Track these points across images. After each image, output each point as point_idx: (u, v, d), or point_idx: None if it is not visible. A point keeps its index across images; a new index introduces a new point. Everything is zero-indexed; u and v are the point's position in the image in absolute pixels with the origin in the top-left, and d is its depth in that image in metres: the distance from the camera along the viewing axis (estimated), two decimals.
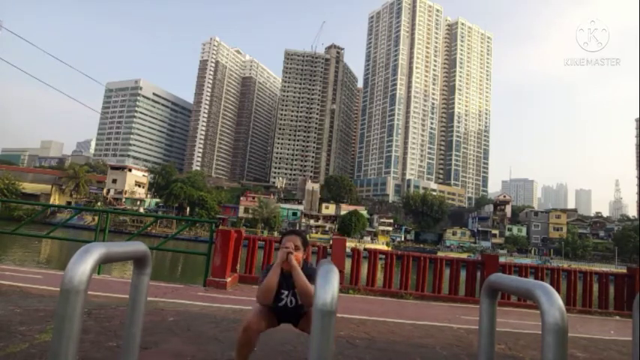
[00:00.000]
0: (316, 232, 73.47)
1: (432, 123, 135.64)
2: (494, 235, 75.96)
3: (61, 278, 1.26)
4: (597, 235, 75.41)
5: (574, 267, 9.50)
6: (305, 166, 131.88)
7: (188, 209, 69.11)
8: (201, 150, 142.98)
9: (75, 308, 1.24)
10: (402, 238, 78.40)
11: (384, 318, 5.08)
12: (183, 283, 7.49)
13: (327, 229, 76.45)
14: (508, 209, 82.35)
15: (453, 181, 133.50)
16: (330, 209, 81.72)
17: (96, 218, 41.76)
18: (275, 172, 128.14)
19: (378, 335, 4.11)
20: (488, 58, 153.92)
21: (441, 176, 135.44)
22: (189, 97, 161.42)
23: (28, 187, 68.25)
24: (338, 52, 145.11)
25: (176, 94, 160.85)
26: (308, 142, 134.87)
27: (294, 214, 77.92)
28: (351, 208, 76.72)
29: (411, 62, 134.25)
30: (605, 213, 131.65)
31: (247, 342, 2.19)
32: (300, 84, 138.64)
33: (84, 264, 1.28)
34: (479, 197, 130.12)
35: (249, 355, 2.24)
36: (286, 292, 2.29)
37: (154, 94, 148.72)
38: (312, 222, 78.56)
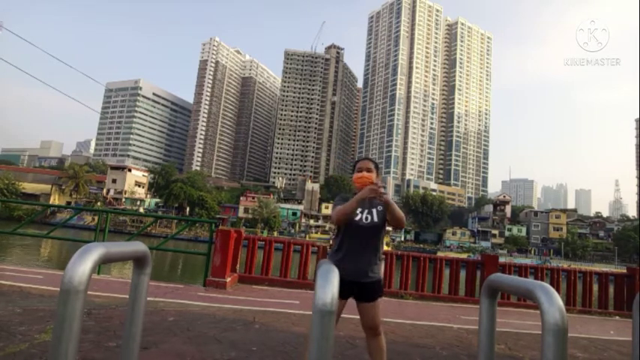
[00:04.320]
0: (316, 232, 73.45)
1: (431, 123, 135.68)
2: (494, 235, 75.92)
3: (61, 278, 1.26)
4: (597, 235, 75.32)
5: (574, 267, 9.50)
6: (305, 166, 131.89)
7: (188, 209, 69.07)
8: (201, 150, 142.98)
9: (75, 308, 1.24)
10: (402, 238, 78.31)
11: (383, 318, 5.06)
12: (183, 283, 7.49)
13: (327, 229, 76.40)
14: (508, 209, 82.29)
15: (452, 181, 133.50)
16: (330, 209, 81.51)
17: (96, 218, 41.77)
18: (275, 172, 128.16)
19: None
20: (488, 58, 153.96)
21: (440, 176, 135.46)
22: (189, 97, 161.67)
23: (28, 187, 68.21)
24: (338, 52, 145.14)
25: (176, 94, 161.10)
26: (308, 142, 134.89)
27: (294, 214, 77.89)
28: None
29: (410, 62, 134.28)
30: (605, 213, 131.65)
31: None
32: (300, 84, 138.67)
33: (84, 264, 1.28)
34: (479, 197, 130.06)
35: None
36: (360, 209, 2.32)
37: (153, 94, 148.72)
38: (312, 222, 78.52)
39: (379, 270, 2.35)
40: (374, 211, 2.32)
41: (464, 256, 45.45)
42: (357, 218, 2.30)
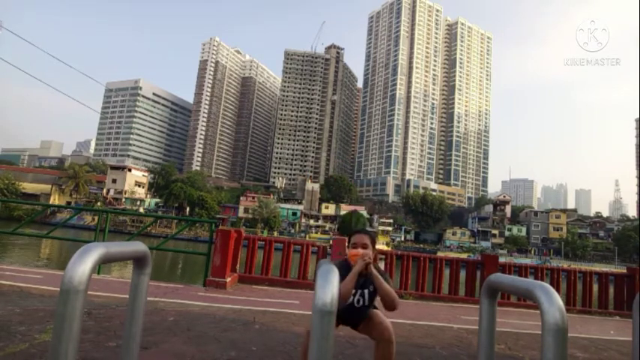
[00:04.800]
0: (316, 232, 73.47)
1: (432, 123, 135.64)
2: (494, 235, 75.93)
3: (61, 278, 1.26)
4: (597, 235, 75.35)
5: (574, 267, 9.50)
6: (305, 166, 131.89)
7: (188, 209, 69.09)
8: (201, 150, 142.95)
9: (75, 308, 1.24)
10: (402, 238, 78.35)
11: None
12: (183, 283, 7.49)
13: (327, 229, 76.43)
14: (508, 209, 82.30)
15: (452, 181, 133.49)
16: (329, 209, 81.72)
17: (96, 218, 41.77)
18: (275, 172, 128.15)
19: None
20: (488, 58, 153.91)
21: (441, 176, 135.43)
22: (189, 97, 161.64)
23: (28, 187, 68.24)
24: (338, 52, 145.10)
25: (176, 94, 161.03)
26: (308, 142, 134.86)
27: (294, 214, 77.91)
28: (351, 208, 76.72)
29: (410, 62, 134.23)
30: (605, 213, 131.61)
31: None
32: (300, 84, 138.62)
33: (84, 264, 1.28)
34: (479, 197, 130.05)
35: None
36: (353, 291, 2.29)
37: (153, 94, 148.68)
38: (312, 222, 78.56)
39: None
40: (365, 292, 2.30)
41: (464, 256, 45.44)
42: (349, 302, 2.28)
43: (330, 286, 1.43)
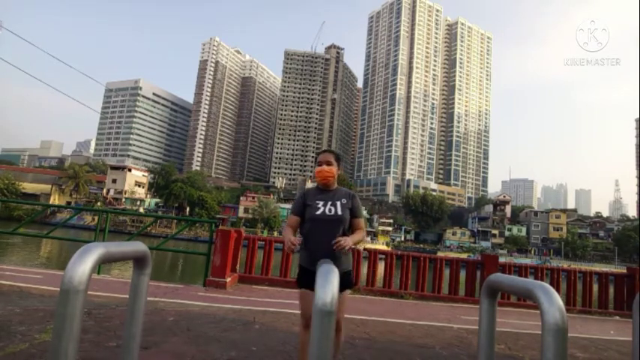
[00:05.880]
0: None
1: (431, 123, 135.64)
2: (494, 235, 75.90)
3: (61, 278, 1.25)
4: (597, 235, 75.32)
5: (574, 267, 9.50)
6: (305, 166, 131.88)
7: (188, 209, 69.06)
8: (201, 150, 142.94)
9: (75, 308, 1.24)
10: (402, 238, 78.32)
11: (384, 318, 5.07)
12: (183, 283, 7.48)
13: None
14: (508, 209, 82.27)
15: (452, 181, 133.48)
16: None
17: (96, 218, 41.73)
18: (275, 172, 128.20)
19: (378, 335, 4.11)
20: (488, 58, 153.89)
21: (440, 176, 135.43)
22: (189, 97, 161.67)
23: (28, 187, 68.19)
24: (338, 52, 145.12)
25: (176, 94, 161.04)
26: (308, 142, 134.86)
27: None
28: None
29: (410, 62, 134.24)
30: (605, 213, 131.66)
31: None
32: (300, 84, 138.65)
33: (84, 264, 1.28)
34: (479, 197, 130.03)
35: None
36: (322, 203, 2.31)
37: (153, 94, 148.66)
38: None
39: (348, 261, 2.30)
40: (338, 203, 2.31)
41: (464, 256, 45.42)
42: (320, 212, 2.28)
43: (330, 286, 1.43)
